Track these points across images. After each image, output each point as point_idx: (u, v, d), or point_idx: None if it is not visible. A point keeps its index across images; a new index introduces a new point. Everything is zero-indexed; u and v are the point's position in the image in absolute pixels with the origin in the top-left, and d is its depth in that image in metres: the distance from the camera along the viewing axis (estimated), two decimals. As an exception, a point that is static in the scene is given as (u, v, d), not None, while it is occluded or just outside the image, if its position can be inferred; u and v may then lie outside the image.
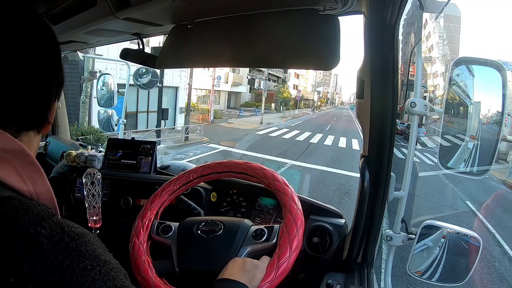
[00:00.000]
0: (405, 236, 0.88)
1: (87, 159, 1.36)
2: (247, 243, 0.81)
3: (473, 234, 0.83)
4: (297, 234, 0.76)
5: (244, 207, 1.19)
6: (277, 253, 0.74)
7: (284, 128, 18.41)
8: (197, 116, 17.79)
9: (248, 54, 0.79)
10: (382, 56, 0.72)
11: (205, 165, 1.00)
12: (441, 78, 30.18)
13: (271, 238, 0.79)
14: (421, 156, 11.03)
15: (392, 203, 0.87)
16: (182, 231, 0.87)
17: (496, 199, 7.36)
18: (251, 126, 18.00)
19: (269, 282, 0.70)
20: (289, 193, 0.85)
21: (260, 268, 0.71)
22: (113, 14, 0.79)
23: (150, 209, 0.92)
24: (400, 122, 14.51)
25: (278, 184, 0.87)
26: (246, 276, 0.68)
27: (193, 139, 11.79)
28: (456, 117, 0.92)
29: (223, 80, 25.21)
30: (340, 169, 8.65)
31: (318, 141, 14.58)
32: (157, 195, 0.95)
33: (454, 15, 33.29)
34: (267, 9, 0.72)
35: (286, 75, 43.07)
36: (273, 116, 25.65)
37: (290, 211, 0.81)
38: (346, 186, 6.96)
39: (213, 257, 0.80)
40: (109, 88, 2.12)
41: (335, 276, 0.88)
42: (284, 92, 36.78)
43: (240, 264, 0.71)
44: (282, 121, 23.33)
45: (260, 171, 0.92)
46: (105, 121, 2.21)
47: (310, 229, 0.99)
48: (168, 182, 0.98)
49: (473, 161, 0.87)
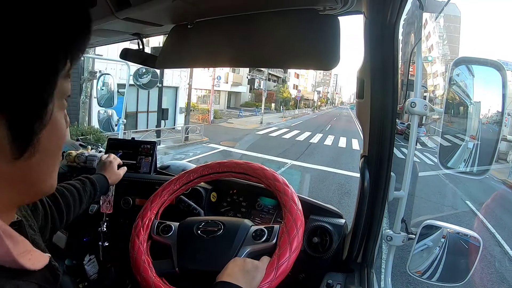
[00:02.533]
0: (405, 236, 0.88)
1: (87, 159, 1.36)
2: (247, 243, 0.81)
3: (473, 234, 0.83)
4: (297, 235, 0.76)
5: (244, 207, 1.19)
6: (277, 253, 0.74)
7: (284, 128, 18.26)
8: (197, 116, 17.69)
9: (248, 54, 0.79)
10: (382, 56, 0.72)
11: (205, 165, 1.01)
12: (441, 78, 30.17)
13: (271, 239, 0.79)
14: (421, 156, 10.99)
15: (392, 203, 0.87)
16: (182, 231, 0.87)
17: (496, 199, 7.36)
18: (251, 126, 17.87)
19: (269, 283, 0.70)
20: (289, 194, 0.85)
21: (260, 269, 0.71)
22: (113, 14, 0.79)
23: (151, 209, 0.92)
24: (400, 122, 14.49)
25: (278, 185, 0.88)
26: (246, 277, 0.68)
27: (193, 139, 11.75)
28: (456, 117, 0.92)
29: (223, 80, 25.15)
30: (340, 169, 8.60)
31: (318, 141, 14.49)
32: (157, 195, 0.95)
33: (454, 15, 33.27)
34: (267, 9, 0.72)
35: (286, 75, 42.87)
36: (273, 116, 25.53)
37: (290, 211, 0.81)
38: (346, 186, 6.90)
39: (213, 257, 0.80)
40: (109, 88, 2.12)
41: (335, 276, 0.88)
42: (284, 92, 36.56)
43: (240, 265, 0.71)
44: (282, 121, 23.21)
45: (261, 171, 0.92)
46: (105, 121, 2.21)
47: (310, 229, 0.99)
48: (168, 182, 0.98)
49: (473, 161, 0.87)
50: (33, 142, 0.33)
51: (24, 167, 0.34)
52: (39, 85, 0.31)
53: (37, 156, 0.34)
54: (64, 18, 0.32)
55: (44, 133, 0.33)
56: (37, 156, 0.34)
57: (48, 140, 0.35)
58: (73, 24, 0.34)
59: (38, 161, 0.34)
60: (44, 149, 0.34)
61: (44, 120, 0.32)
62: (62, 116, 0.37)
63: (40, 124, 0.32)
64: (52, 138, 0.35)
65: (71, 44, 0.34)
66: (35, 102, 0.31)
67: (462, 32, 32.14)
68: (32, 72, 0.30)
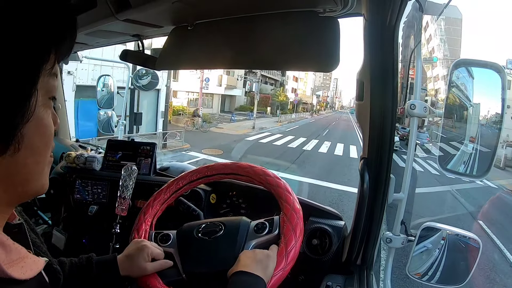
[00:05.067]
0: (404, 238, 0.88)
1: (87, 160, 1.36)
2: (251, 237, 0.81)
3: (472, 236, 0.83)
4: (299, 221, 0.78)
5: (243, 209, 1.19)
6: (283, 241, 0.75)
7: (278, 133, 17.27)
8: (185, 120, 16.90)
9: (248, 56, 0.79)
10: (381, 58, 0.72)
11: (193, 171, 1.01)
12: (442, 81, 30.15)
13: (273, 229, 0.80)
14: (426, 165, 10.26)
15: (391, 205, 0.87)
16: (182, 237, 0.86)
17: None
18: (242, 131, 16.99)
19: (281, 270, 0.71)
20: (282, 185, 0.87)
21: (271, 258, 0.72)
22: (113, 15, 0.79)
23: (145, 221, 0.90)
24: (401, 127, 14.34)
25: (270, 179, 0.89)
26: (260, 267, 0.69)
27: (172, 146, 11.01)
28: (455, 119, 0.92)
29: (216, 82, 24.35)
30: (333, 182, 7.58)
31: (312, 148, 13.53)
32: (149, 205, 0.94)
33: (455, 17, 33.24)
34: (267, 11, 0.72)
35: (284, 78, 41.95)
36: (268, 120, 24.69)
37: (286, 201, 0.82)
38: (339, 205, 5.87)
39: (219, 257, 0.80)
40: (109, 90, 2.12)
41: (334, 278, 0.88)
42: (280, 96, 35.37)
43: (252, 256, 0.72)
44: (277, 125, 22.39)
45: (250, 169, 0.93)
46: (104, 122, 2.21)
47: (309, 231, 0.98)
48: (158, 192, 0.98)
49: (473, 163, 0.87)
50: (16, 136, 0.33)
51: (10, 164, 0.34)
52: (21, 76, 0.32)
53: (23, 152, 0.34)
54: (46, 14, 0.33)
55: (28, 129, 0.34)
56: (23, 153, 0.34)
57: (33, 136, 0.35)
58: (56, 21, 0.34)
59: (24, 158, 0.35)
60: (29, 145, 0.35)
61: (26, 114, 0.33)
62: (49, 115, 0.38)
63: (22, 118, 0.33)
64: (37, 135, 0.36)
65: (54, 39, 0.35)
66: (16, 93, 0.32)
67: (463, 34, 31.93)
68: (13, 63, 0.31)
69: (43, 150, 0.38)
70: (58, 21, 0.35)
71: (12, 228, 0.40)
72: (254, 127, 18.64)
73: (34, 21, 0.32)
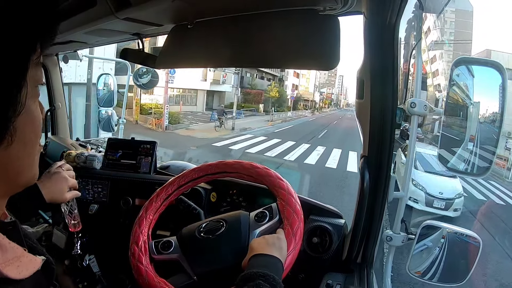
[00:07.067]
0: (405, 236, 0.88)
1: (87, 159, 1.36)
2: (253, 227, 0.82)
3: (472, 234, 0.83)
4: (296, 203, 0.81)
5: (244, 207, 1.19)
6: (287, 224, 0.78)
7: (261, 136, 13.64)
8: (150, 120, 14.39)
9: (248, 54, 0.79)
10: (382, 56, 0.72)
11: (180, 175, 1.00)
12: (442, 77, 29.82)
13: (274, 216, 0.82)
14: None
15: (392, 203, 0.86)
16: (185, 241, 0.86)
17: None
18: (217, 133, 13.91)
19: (293, 250, 0.74)
20: (273, 174, 0.89)
21: (282, 239, 0.75)
22: (113, 14, 0.79)
23: (141, 232, 0.89)
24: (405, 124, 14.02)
25: (259, 170, 0.91)
26: (274, 248, 0.71)
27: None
28: (455, 117, 0.92)
29: (201, 77, 20.46)
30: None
31: (298, 157, 9.81)
32: (142, 217, 0.92)
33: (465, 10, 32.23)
34: (267, 9, 0.72)
35: (284, 73, 39.48)
36: (257, 119, 20.88)
37: (281, 187, 0.85)
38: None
39: (228, 252, 0.80)
40: (109, 88, 2.12)
41: (334, 276, 0.88)
42: (272, 91, 30.55)
43: (264, 241, 0.73)
44: (267, 125, 18.68)
45: (238, 165, 0.95)
46: (105, 121, 2.21)
47: (310, 229, 0.99)
48: (149, 200, 0.96)
49: (473, 161, 0.87)
50: (9, 129, 0.33)
51: (3, 157, 0.34)
52: (11, 68, 0.32)
53: (16, 145, 0.34)
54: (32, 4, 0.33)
55: (20, 121, 0.34)
56: (15, 146, 0.34)
57: (25, 128, 0.35)
58: (41, 11, 0.34)
59: (17, 151, 0.35)
60: (22, 138, 0.35)
61: (18, 107, 0.33)
62: (37, 105, 0.38)
63: (14, 110, 0.33)
64: (28, 127, 0.36)
65: (40, 29, 0.35)
66: (7, 86, 0.32)
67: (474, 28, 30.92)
68: (3, 55, 0.31)
69: (35, 142, 0.38)
70: (44, 11, 0.35)
71: (7, 225, 0.39)
72: (233, 127, 15.53)
73: (22, 11, 0.32)
